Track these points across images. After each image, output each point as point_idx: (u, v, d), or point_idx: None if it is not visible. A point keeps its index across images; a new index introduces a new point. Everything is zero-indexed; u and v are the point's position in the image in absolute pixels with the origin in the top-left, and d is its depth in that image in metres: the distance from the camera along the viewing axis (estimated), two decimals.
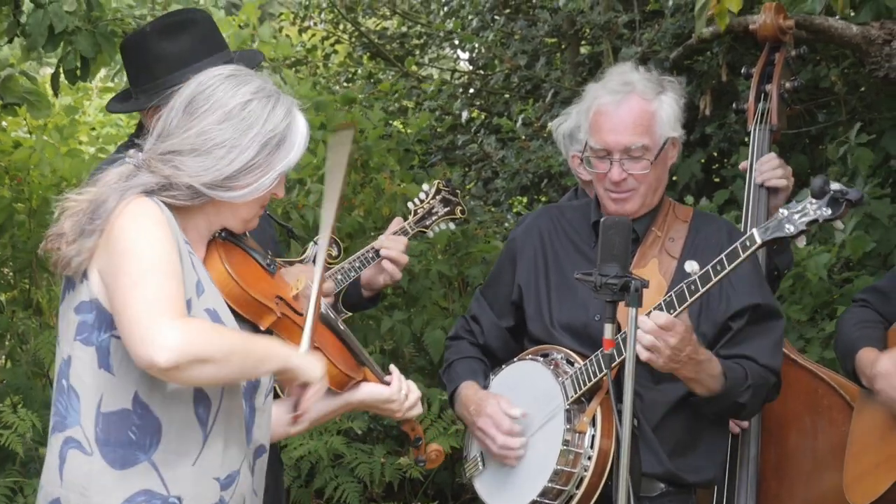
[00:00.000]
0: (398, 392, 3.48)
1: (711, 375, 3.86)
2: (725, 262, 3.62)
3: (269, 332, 3.28)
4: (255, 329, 3.23)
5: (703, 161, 8.28)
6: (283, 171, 3.18)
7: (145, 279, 2.92)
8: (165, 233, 3.01)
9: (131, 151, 3.22)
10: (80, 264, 3.05)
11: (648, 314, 3.70)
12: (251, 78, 3.21)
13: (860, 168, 6.66)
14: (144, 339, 2.86)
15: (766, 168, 4.68)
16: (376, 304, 4.91)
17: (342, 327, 3.46)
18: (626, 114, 3.99)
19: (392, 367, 3.55)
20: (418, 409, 3.57)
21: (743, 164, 4.83)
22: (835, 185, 3.45)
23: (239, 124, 3.11)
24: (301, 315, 3.28)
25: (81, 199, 3.12)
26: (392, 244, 4.61)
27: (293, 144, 3.19)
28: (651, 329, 3.67)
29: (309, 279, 3.34)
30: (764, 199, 4.68)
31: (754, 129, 4.83)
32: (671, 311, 3.71)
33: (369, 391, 3.47)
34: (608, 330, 3.52)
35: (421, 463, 3.80)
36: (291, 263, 4.46)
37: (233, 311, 3.18)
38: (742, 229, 4.59)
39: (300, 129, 3.22)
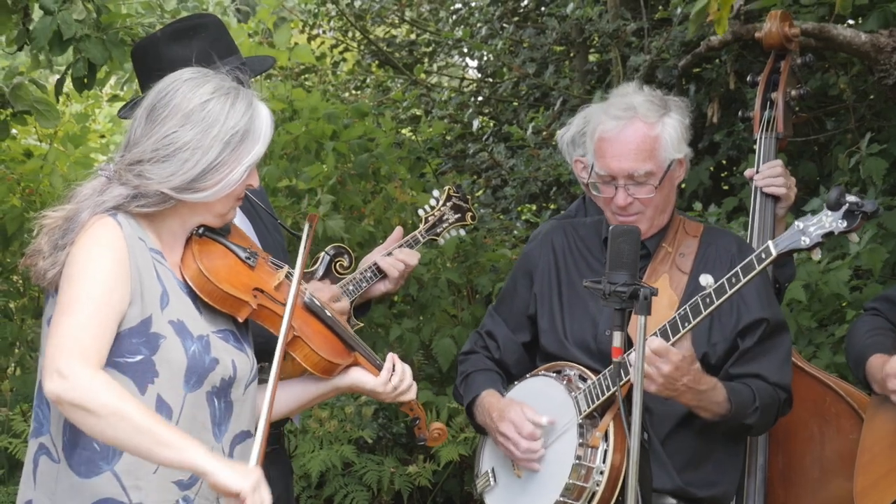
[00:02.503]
0: (384, 384, 3.52)
1: (715, 402, 3.88)
2: (741, 275, 3.61)
3: (247, 323, 3.34)
4: (234, 321, 3.30)
5: (711, 169, 8.28)
6: (250, 163, 3.23)
7: (73, 311, 3.02)
8: (116, 263, 3.08)
9: (103, 164, 3.27)
10: (54, 277, 3.13)
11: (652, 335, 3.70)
12: (209, 78, 3.26)
13: (874, 178, 6.64)
14: (45, 367, 2.98)
15: (767, 174, 4.68)
16: (364, 314, 4.90)
17: (329, 314, 3.49)
18: (629, 140, 3.99)
19: (389, 356, 3.59)
20: (410, 395, 3.61)
21: (749, 172, 4.82)
22: (850, 198, 3.44)
23: (199, 125, 3.16)
24: (283, 305, 3.32)
25: (57, 215, 3.20)
26: (404, 256, 4.61)
27: (258, 136, 3.23)
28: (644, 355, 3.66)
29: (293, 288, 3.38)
30: (770, 207, 4.67)
31: (760, 137, 4.82)
32: (685, 325, 3.71)
33: (357, 379, 3.51)
34: (617, 338, 3.52)
35: (422, 441, 3.83)
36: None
37: (211, 306, 3.24)
38: (749, 237, 4.60)
39: (263, 119, 3.26)
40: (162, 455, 2.98)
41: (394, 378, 3.54)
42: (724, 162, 8.52)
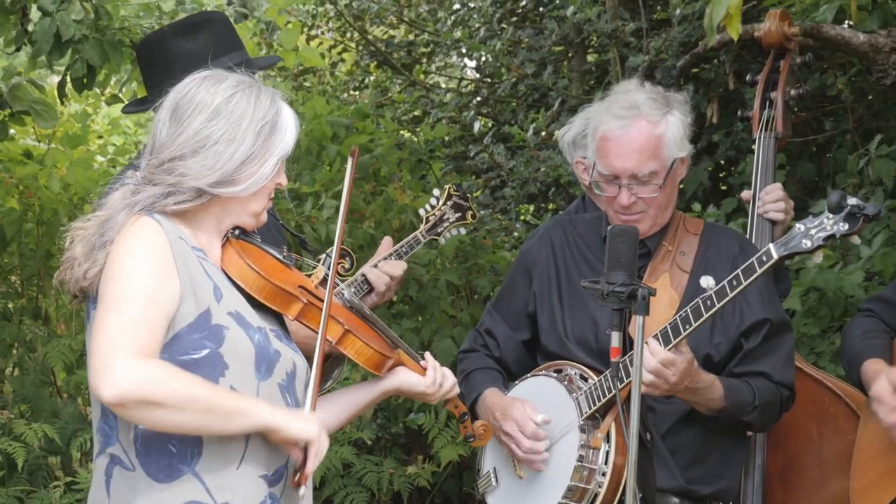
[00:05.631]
0: (432, 384, 3.51)
1: (711, 399, 3.88)
2: (742, 278, 3.60)
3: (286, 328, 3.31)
4: (279, 322, 3.27)
5: (710, 169, 8.27)
6: (280, 156, 3.21)
7: (120, 308, 2.96)
8: (160, 259, 3.03)
9: (129, 172, 3.25)
10: (95, 276, 3.07)
11: (647, 343, 3.69)
12: (227, 75, 3.24)
13: (885, 179, 6.62)
14: (97, 370, 2.89)
15: (769, 199, 4.66)
16: None
17: (368, 312, 3.48)
18: (633, 140, 3.97)
19: (427, 356, 3.56)
20: (454, 392, 3.61)
21: (745, 194, 4.80)
22: (852, 200, 3.44)
23: (230, 117, 3.14)
24: (323, 301, 3.30)
25: (90, 224, 3.15)
26: (387, 268, 4.62)
27: (285, 129, 3.22)
28: (652, 368, 3.66)
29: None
30: (768, 229, 4.65)
31: (759, 137, 4.82)
32: (686, 327, 3.69)
33: (405, 381, 3.49)
34: (615, 338, 3.52)
35: (470, 439, 3.82)
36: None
37: (260, 305, 3.21)
38: (748, 239, 4.58)
39: (288, 114, 3.25)
40: (234, 425, 2.99)
41: (438, 376, 3.53)
42: (722, 162, 8.51)
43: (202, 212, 3.18)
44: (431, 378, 3.51)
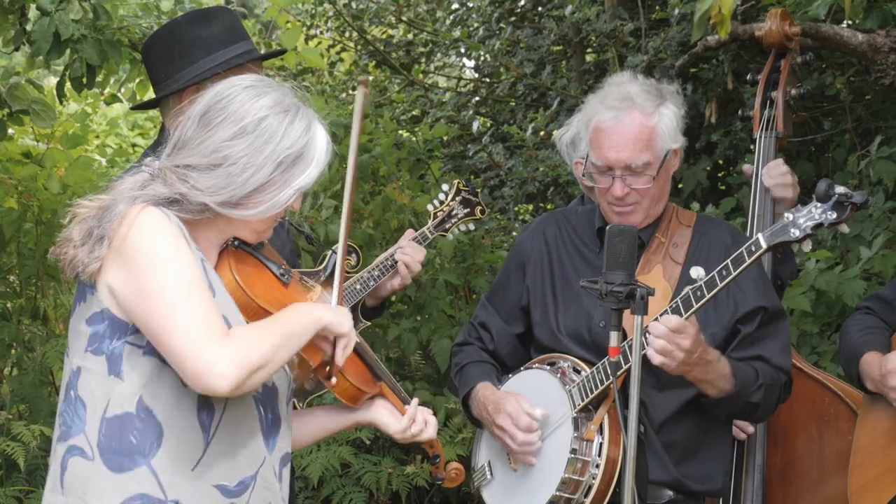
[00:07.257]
0: (402, 431, 3.45)
1: (722, 375, 3.86)
2: (731, 268, 3.61)
3: None
4: None
5: (708, 168, 8.27)
6: (300, 187, 3.12)
7: (183, 302, 2.92)
8: (183, 245, 2.99)
9: (148, 160, 3.19)
10: (94, 273, 3.02)
11: (658, 319, 3.69)
12: (270, 90, 3.14)
13: (885, 181, 6.63)
14: (197, 370, 2.88)
15: (775, 173, 4.66)
16: (380, 315, 4.91)
17: (358, 339, 3.40)
18: (627, 131, 3.98)
19: (413, 404, 3.50)
20: (427, 436, 3.53)
21: (747, 167, 4.80)
22: (839, 189, 3.45)
23: (254, 141, 3.05)
24: None
25: (92, 205, 3.10)
26: (411, 251, 4.62)
27: (311, 161, 3.12)
28: (663, 333, 3.65)
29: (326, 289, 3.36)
30: (770, 206, 4.66)
31: (760, 136, 4.82)
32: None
33: (377, 419, 3.45)
34: (614, 338, 3.51)
35: (439, 481, 3.77)
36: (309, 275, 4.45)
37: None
38: (749, 233, 4.58)
39: (320, 144, 3.15)
40: (303, 341, 3.07)
41: (413, 428, 3.47)
42: (721, 162, 8.51)
43: (205, 223, 3.12)
44: (403, 426, 3.45)
